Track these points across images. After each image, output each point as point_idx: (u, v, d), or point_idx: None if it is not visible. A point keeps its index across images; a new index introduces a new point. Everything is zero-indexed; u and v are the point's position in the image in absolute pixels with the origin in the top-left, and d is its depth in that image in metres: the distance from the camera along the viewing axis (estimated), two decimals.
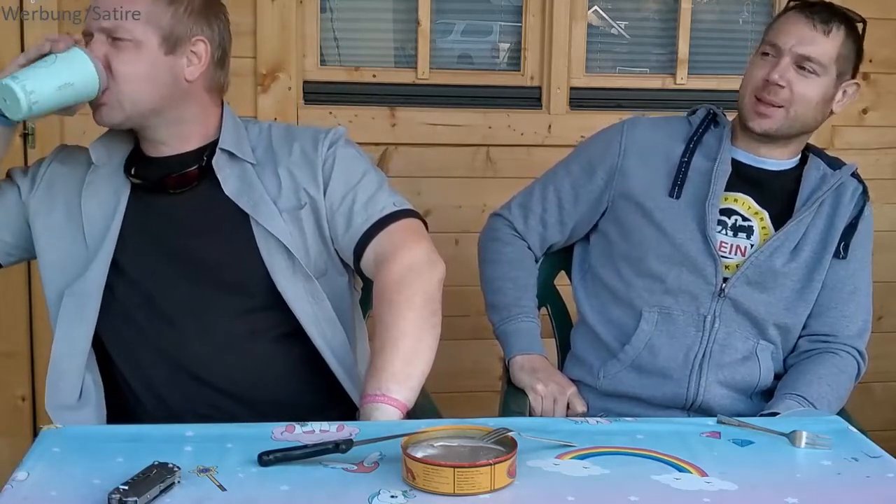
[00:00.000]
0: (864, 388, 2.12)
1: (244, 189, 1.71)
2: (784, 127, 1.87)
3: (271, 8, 2.68)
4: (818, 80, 1.86)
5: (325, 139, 1.77)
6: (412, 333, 1.62)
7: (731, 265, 1.90)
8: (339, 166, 1.75)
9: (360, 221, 1.72)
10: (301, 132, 1.80)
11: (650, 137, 1.97)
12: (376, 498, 1.24)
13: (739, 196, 1.92)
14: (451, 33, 3.03)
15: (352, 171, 1.76)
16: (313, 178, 1.74)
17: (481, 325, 2.14)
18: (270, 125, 1.82)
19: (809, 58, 1.84)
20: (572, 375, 2.00)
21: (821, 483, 1.35)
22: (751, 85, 1.89)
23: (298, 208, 1.72)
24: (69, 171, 1.76)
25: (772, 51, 1.87)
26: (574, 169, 2.03)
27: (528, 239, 2.06)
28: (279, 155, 1.75)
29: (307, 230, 1.72)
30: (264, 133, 1.80)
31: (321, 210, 1.74)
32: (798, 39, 1.84)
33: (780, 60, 1.85)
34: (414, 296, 1.65)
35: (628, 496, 1.27)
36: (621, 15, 3.10)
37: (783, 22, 1.89)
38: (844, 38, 1.86)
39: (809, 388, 1.84)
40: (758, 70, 1.88)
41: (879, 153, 3.04)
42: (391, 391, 1.55)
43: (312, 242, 1.73)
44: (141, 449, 1.36)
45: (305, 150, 1.76)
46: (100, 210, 1.71)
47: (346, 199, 1.73)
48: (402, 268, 1.68)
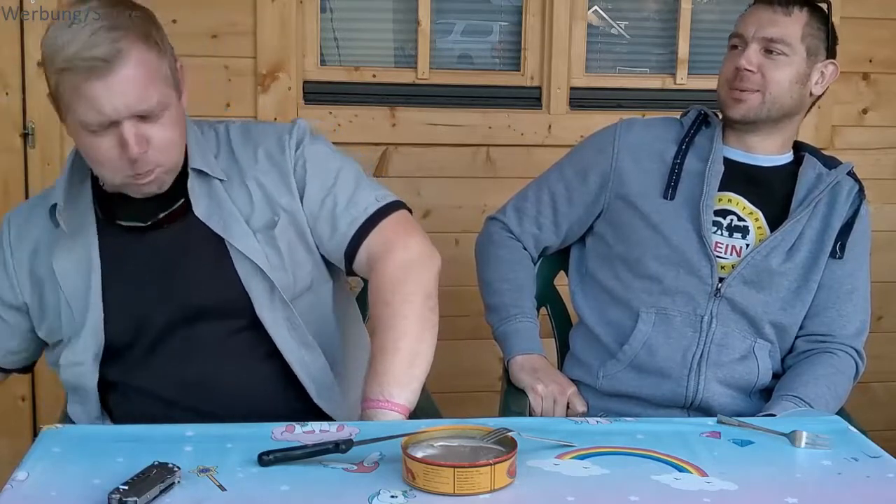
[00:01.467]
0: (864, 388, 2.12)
1: (214, 209, 1.64)
2: (763, 112, 1.89)
3: (271, 8, 2.68)
4: (787, 61, 1.88)
5: (290, 139, 1.69)
6: (413, 333, 1.59)
7: (726, 265, 1.90)
8: (312, 168, 1.68)
9: (346, 224, 1.67)
10: (261, 133, 1.71)
11: (644, 140, 1.98)
12: (376, 498, 1.24)
13: (733, 196, 1.92)
14: (451, 33, 3.03)
15: (326, 171, 1.69)
16: (286, 186, 1.67)
17: (481, 325, 2.14)
18: (227, 127, 1.72)
19: (773, 39, 1.87)
20: (572, 375, 2.00)
21: (821, 483, 1.35)
22: (723, 77, 1.93)
23: (272, 226, 1.65)
24: (33, 246, 1.67)
25: (738, 42, 1.91)
26: (567, 172, 2.03)
27: (523, 240, 2.07)
28: (243, 163, 1.67)
29: (284, 247, 1.66)
30: (223, 139, 1.70)
31: (300, 219, 1.68)
32: (759, 24, 1.88)
33: (747, 48, 1.88)
34: (412, 294, 1.62)
35: (628, 496, 1.27)
36: (621, 15, 3.10)
37: (746, 13, 1.93)
38: (809, 18, 1.89)
39: (807, 388, 1.84)
40: (727, 62, 1.93)
41: (879, 153, 3.04)
42: (394, 395, 1.53)
43: (292, 258, 1.67)
44: (141, 449, 1.36)
45: (271, 153, 1.68)
46: (75, 268, 1.64)
47: (326, 203, 1.67)
48: (398, 266, 1.64)
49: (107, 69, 1.46)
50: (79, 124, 1.51)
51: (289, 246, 1.67)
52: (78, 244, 1.64)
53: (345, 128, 2.77)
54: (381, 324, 1.61)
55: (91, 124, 1.50)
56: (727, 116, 1.92)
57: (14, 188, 2.62)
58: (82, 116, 1.49)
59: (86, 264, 1.64)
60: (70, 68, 1.46)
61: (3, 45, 2.57)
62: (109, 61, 1.46)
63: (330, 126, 2.75)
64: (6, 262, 1.69)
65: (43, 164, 2.61)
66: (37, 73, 2.59)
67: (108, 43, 1.46)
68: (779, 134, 1.94)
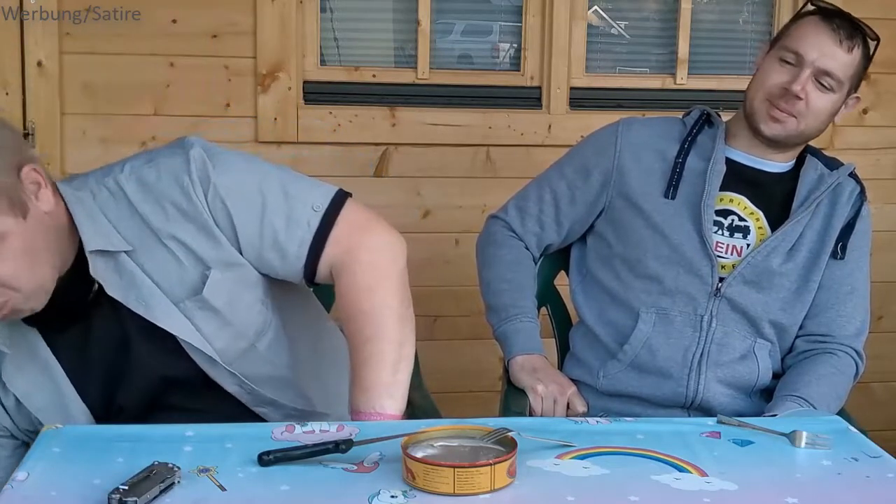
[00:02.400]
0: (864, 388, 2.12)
1: (128, 287, 1.52)
2: (793, 136, 1.87)
3: (271, 8, 2.68)
4: (832, 96, 1.85)
5: (191, 182, 1.51)
6: (395, 339, 1.53)
7: (727, 265, 1.90)
8: (233, 203, 1.53)
9: (295, 247, 1.55)
10: (160, 182, 1.52)
11: (645, 138, 1.97)
12: (376, 498, 1.24)
13: (735, 196, 1.92)
14: (451, 33, 3.03)
15: (249, 198, 1.54)
16: (208, 237, 1.53)
17: (481, 324, 2.14)
18: (117, 182, 1.53)
19: (830, 73, 1.83)
20: (572, 375, 2.00)
21: (821, 483, 1.35)
22: (765, 89, 1.86)
23: (202, 284, 1.52)
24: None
25: (792, 59, 1.84)
26: (569, 171, 2.03)
27: (525, 240, 2.06)
28: (154, 223, 1.52)
29: (222, 304, 1.54)
30: (120, 199, 1.53)
31: (236, 264, 1.55)
32: (821, 53, 1.82)
33: (801, 71, 1.83)
34: (388, 297, 1.55)
35: (628, 496, 1.27)
36: (621, 15, 3.10)
37: (806, 30, 1.85)
38: (861, 56, 1.87)
39: (809, 388, 1.84)
40: (776, 75, 1.86)
41: (879, 153, 3.04)
42: (385, 407, 1.50)
43: (235, 310, 1.56)
44: (141, 449, 1.36)
45: (180, 205, 1.52)
46: (35, 381, 1.57)
47: (265, 234, 1.54)
48: (366, 270, 1.55)
49: None
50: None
51: (229, 299, 1.56)
52: (26, 358, 1.56)
53: (345, 128, 2.77)
54: (360, 333, 1.53)
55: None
56: (757, 129, 1.88)
57: None
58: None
59: (43, 371, 1.57)
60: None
61: (3, 45, 2.57)
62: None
63: (330, 126, 2.76)
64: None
65: (43, 164, 2.59)
66: (37, 73, 2.59)
67: None
68: (792, 151, 1.94)
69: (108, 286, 1.52)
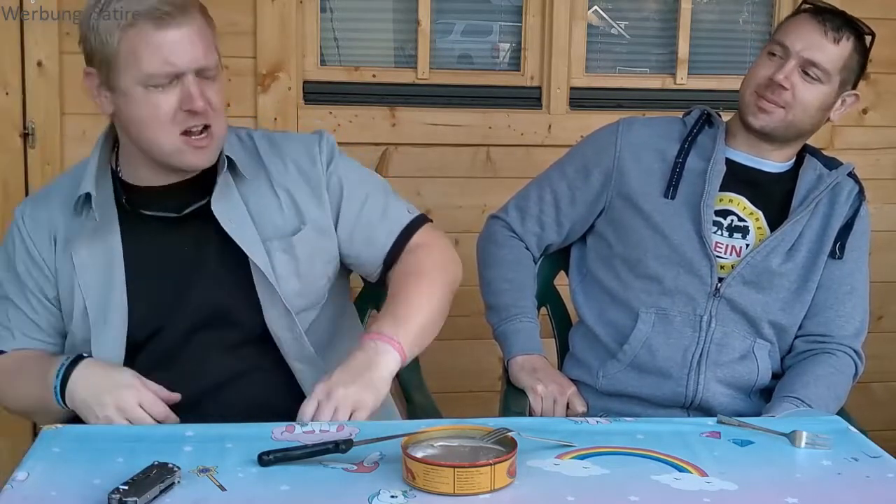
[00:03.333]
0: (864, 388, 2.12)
1: (233, 210, 1.64)
2: (780, 127, 1.88)
3: (271, 8, 2.68)
4: (820, 87, 1.86)
5: (321, 153, 1.71)
6: (426, 293, 1.66)
7: (726, 265, 1.90)
8: (347, 185, 1.72)
9: (384, 235, 1.73)
10: (288, 143, 1.73)
11: (645, 138, 1.98)
12: (376, 498, 1.25)
13: (734, 196, 1.92)
14: (451, 33, 3.03)
15: (360, 187, 1.73)
16: (317, 199, 1.69)
17: (481, 324, 2.14)
18: (249, 133, 1.74)
19: (815, 63, 1.84)
20: (572, 375, 2.00)
21: (821, 483, 1.35)
22: (753, 82, 1.89)
23: (294, 233, 1.67)
24: (49, 237, 1.66)
25: (779, 51, 1.87)
26: (569, 171, 2.03)
27: (525, 240, 2.07)
28: (272, 170, 1.69)
29: (303, 255, 1.67)
30: (247, 143, 1.72)
31: (327, 233, 1.70)
32: (807, 44, 1.84)
33: (786, 62, 1.85)
34: (438, 280, 1.70)
35: (628, 496, 1.27)
36: (621, 15, 3.10)
37: (794, 24, 1.88)
38: (852, 50, 1.87)
39: (807, 389, 1.84)
40: (762, 68, 1.88)
41: (879, 153, 3.04)
42: (398, 335, 1.57)
43: (310, 268, 1.68)
44: (141, 449, 1.36)
45: (301, 165, 1.70)
46: (95, 262, 1.64)
47: (362, 218, 1.72)
48: (433, 258, 1.73)
49: (181, 19, 1.52)
50: (140, 81, 1.53)
51: (309, 256, 1.68)
52: (99, 236, 1.64)
53: (345, 128, 2.77)
54: (402, 283, 1.68)
55: (158, 76, 1.52)
56: (745, 122, 1.90)
57: (14, 188, 2.62)
58: (148, 68, 1.52)
59: (107, 258, 1.64)
60: (143, 16, 1.50)
61: (3, 45, 2.57)
62: (183, 12, 1.52)
63: (330, 126, 2.75)
64: (32, 254, 1.67)
65: (43, 164, 2.61)
66: (37, 73, 2.59)
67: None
68: (789, 148, 1.94)
69: (216, 201, 1.62)
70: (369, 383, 1.51)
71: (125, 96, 1.56)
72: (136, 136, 1.60)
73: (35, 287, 1.67)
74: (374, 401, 1.50)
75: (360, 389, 1.49)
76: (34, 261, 1.67)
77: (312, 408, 1.48)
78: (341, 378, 1.50)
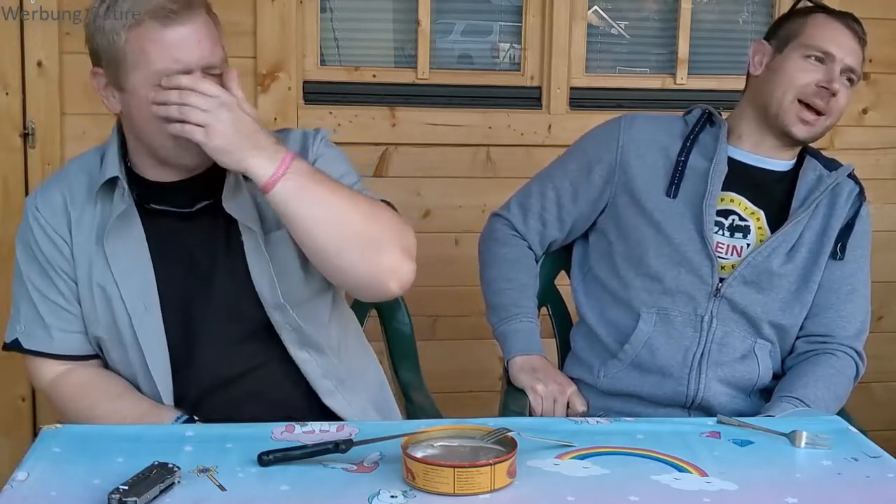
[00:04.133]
0: (864, 389, 2.12)
1: (242, 204, 1.64)
2: (818, 135, 1.90)
3: (271, 8, 2.68)
4: (850, 91, 1.90)
5: (314, 145, 1.71)
6: (356, 197, 1.60)
7: (726, 265, 1.90)
8: (325, 159, 1.70)
9: None
10: (288, 138, 1.72)
11: (648, 134, 1.97)
12: (376, 498, 1.25)
13: (735, 196, 1.92)
14: (451, 33, 3.03)
15: (336, 165, 1.71)
16: None
17: (481, 324, 2.14)
18: None
19: (853, 69, 1.87)
20: (572, 375, 2.00)
21: (821, 483, 1.35)
22: (797, 88, 1.86)
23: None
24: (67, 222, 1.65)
25: (823, 57, 1.86)
26: (571, 167, 2.03)
27: (527, 238, 2.06)
28: None
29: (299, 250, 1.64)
30: None
31: None
32: (847, 50, 1.86)
33: (832, 68, 1.85)
34: (377, 203, 1.64)
35: (628, 496, 1.27)
36: (621, 15, 3.10)
37: (829, 30, 1.87)
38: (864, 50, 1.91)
39: (806, 389, 1.84)
40: (806, 73, 1.86)
41: (879, 153, 3.04)
42: (301, 163, 1.54)
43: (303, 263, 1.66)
44: (141, 449, 1.36)
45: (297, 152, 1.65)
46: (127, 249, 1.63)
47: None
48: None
49: (187, 16, 1.52)
50: (149, 79, 1.52)
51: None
52: (124, 225, 1.63)
53: (345, 128, 2.77)
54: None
55: (166, 72, 1.51)
56: (786, 132, 1.88)
57: (14, 188, 2.62)
58: (157, 66, 1.51)
59: (135, 246, 1.63)
60: (149, 16, 1.50)
61: (3, 45, 2.57)
62: (188, 10, 1.52)
63: (330, 126, 2.75)
64: (52, 237, 1.65)
65: (43, 164, 2.61)
66: (37, 73, 2.59)
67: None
68: (797, 148, 1.95)
69: (227, 197, 1.62)
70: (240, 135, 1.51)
71: (134, 96, 1.55)
72: (143, 134, 1.60)
73: (60, 270, 1.65)
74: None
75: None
76: (54, 243, 1.65)
77: None
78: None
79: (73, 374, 1.68)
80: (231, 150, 1.50)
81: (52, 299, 1.66)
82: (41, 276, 1.66)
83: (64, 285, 1.66)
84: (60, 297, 1.66)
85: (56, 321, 1.67)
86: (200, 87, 1.49)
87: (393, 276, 1.58)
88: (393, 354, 2.12)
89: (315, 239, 1.55)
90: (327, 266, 1.59)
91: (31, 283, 1.67)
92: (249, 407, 1.64)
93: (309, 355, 1.68)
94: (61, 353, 1.68)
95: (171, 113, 1.49)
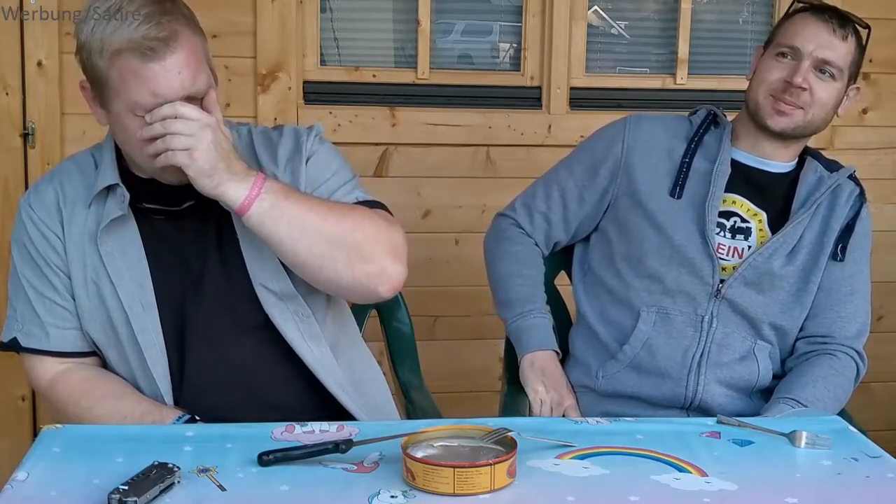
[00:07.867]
0: (864, 389, 2.12)
1: None
2: (800, 127, 1.88)
3: (271, 8, 2.68)
4: (834, 85, 1.87)
5: (307, 142, 1.71)
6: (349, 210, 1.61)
7: (727, 267, 1.90)
8: (316, 159, 1.70)
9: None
10: (281, 136, 1.73)
11: (653, 134, 1.97)
12: (376, 498, 1.25)
13: (738, 198, 1.92)
14: (451, 33, 3.03)
15: (327, 165, 1.71)
16: (296, 182, 1.67)
17: (481, 325, 2.14)
18: (249, 130, 1.74)
19: (829, 62, 1.86)
20: (571, 376, 1.99)
21: (821, 483, 1.35)
22: (767, 85, 1.88)
23: None
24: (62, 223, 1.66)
25: (790, 53, 1.87)
26: (577, 168, 2.03)
27: (534, 236, 2.06)
28: (264, 164, 1.68)
29: None
30: (245, 139, 1.72)
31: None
32: (818, 44, 1.85)
33: (800, 63, 1.85)
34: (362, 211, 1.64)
35: (628, 496, 1.27)
36: (621, 15, 3.10)
37: (799, 25, 1.88)
38: (856, 45, 1.89)
39: (805, 390, 1.84)
40: (775, 72, 1.88)
41: (879, 153, 3.04)
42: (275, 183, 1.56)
43: None
44: (141, 449, 1.36)
45: (290, 155, 1.70)
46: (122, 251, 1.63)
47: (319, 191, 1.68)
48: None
49: (165, 51, 1.49)
50: (129, 108, 1.52)
51: None
52: (119, 224, 1.63)
53: (345, 128, 2.77)
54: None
55: (144, 105, 1.50)
56: (764, 125, 1.89)
57: (14, 188, 2.62)
58: (136, 98, 1.50)
59: (129, 245, 1.63)
60: (128, 49, 1.48)
61: (3, 45, 2.57)
62: (168, 43, 1.49)
63: (330, 126, 2.75)
64: (45, 233, 1.65)
65: (43, 164, 2.61)
66: (37, 73, 2.59)
67: (165, 24, 1.49)
68: (797, 146, 1.94)
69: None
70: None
71: (118, 119, 1.55)
72: (128, 154, 1.61)
73: (54, 265, 1.65)
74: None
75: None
76: (47, 239, 1.65)
77: None
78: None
79: (71, 373, 1.68)
80: (211, 172, 1.50)
81: (48, 296, 1.66)
82: (35, 273, 1.67)
83: (58, 280, 1.66)
84: (55, 293, 1.66)
85: (51, 318, 1.67)
86: (182, 113, 1.49)
87: (381, 281, 1.59)
88: (393, 354, 2.12)
89: (295, 256, 1.57)
90: (313, 279, 1.61)
91: (26, 280, 1.68)
92: (246, 404, 1.64)
93: (311, 348, 1.68)
94: (58, 350, 1.68)
95: (157, 148, 1.50)
